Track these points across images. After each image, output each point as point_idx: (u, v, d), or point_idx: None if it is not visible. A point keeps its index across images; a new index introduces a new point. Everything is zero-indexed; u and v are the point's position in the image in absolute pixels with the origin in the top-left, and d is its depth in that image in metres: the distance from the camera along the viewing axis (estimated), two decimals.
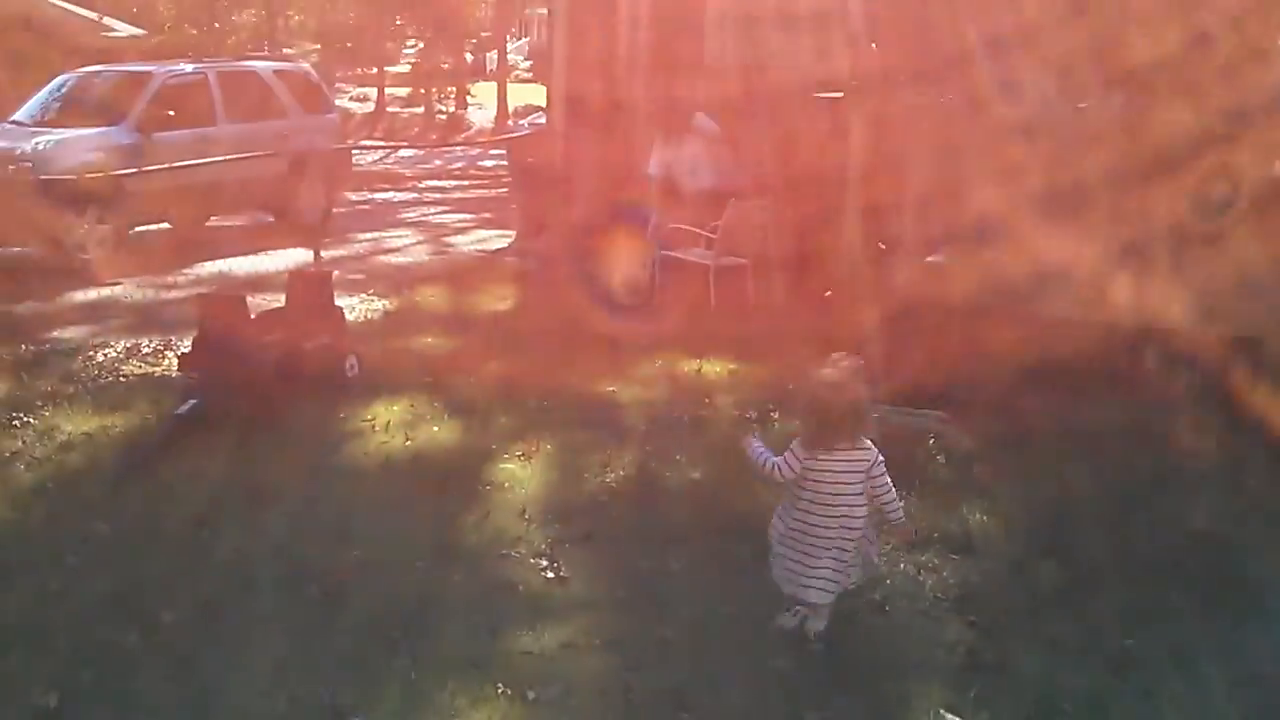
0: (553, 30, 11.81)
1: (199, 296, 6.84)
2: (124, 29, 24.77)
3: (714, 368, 7.32)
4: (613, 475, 5.41)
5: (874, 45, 6.88)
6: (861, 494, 3.93)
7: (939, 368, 6.88)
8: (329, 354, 6.79)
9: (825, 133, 7.71)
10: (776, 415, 6.31)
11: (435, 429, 6.05)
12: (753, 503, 5.05)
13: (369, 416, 6.21)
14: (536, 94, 26.70)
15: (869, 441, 3.96)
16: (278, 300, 7.39)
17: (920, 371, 6.86)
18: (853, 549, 3.95)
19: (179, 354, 6.78)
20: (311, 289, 7.07)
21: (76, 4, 22.66)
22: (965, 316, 6.85)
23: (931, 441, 5.93)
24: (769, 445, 4.09)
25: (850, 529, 3.92)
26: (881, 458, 3.95)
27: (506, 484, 5.30)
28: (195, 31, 30.51)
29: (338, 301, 7.48)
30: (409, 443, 5.84)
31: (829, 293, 7.20)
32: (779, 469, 3.95)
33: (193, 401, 6.05)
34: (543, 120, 13.06)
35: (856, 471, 3.91)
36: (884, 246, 7.14)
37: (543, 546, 4.67)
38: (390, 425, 6.06)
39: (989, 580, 4.49)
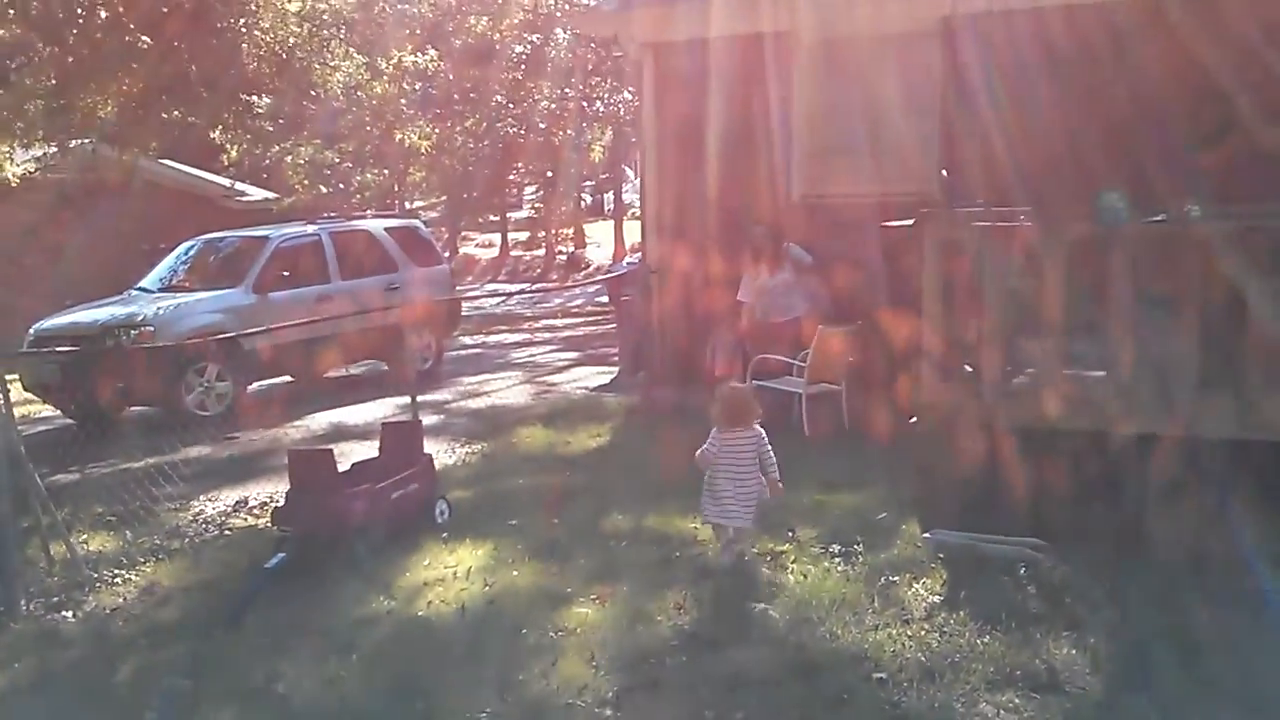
0: (643, 170, 12.15)
1: (291, 451, 7.09)
2: (257, 193, 26.35)
3: (801, 498, 7.21)
4: (686, 618, 5.33)
5: (944, 171, 6.84)
6: (754, 458, 6.02)
7: (1034, 493, 6.67)
8: (418, 501, 6.92)
9: (904, 257, 7.66)
10: (861, 548, 6.17)
11: (515, 573, 6.07)
12: (828, 645, 4.94)
13: (452, 563, 6.28)
14: None
15: (758, 425, 6.06)
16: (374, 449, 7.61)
17: (1015, 498, 6.66)
18: (751, 493, 5.98)
19: (274, 508, 7.00)
20: (402, 438, 7.26)
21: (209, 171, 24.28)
22: (1060, 438, 6.62)
23: (1023, 571, 5.70)
24: None
25: (748, 479, 5.99)
26: (764, 434, 6.09)
27: (579, 629, 5.27)
28: (325, 190, 32.14)
29: (430, 448, 7.65)
30: (488, 588, 5.87)
31: (913, 419, 7.05)
32: (705, 453, 6.02)
33: (281, 555, 6.21)
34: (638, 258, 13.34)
35: (751, 443, 6.02)
36: (969, 369, 6.97)
37: (608, 694, 4.61)
38: (471, 571, 6.11)
39: None
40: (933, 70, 9.79)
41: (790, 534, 6.51)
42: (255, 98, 26.21)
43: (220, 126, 21.00)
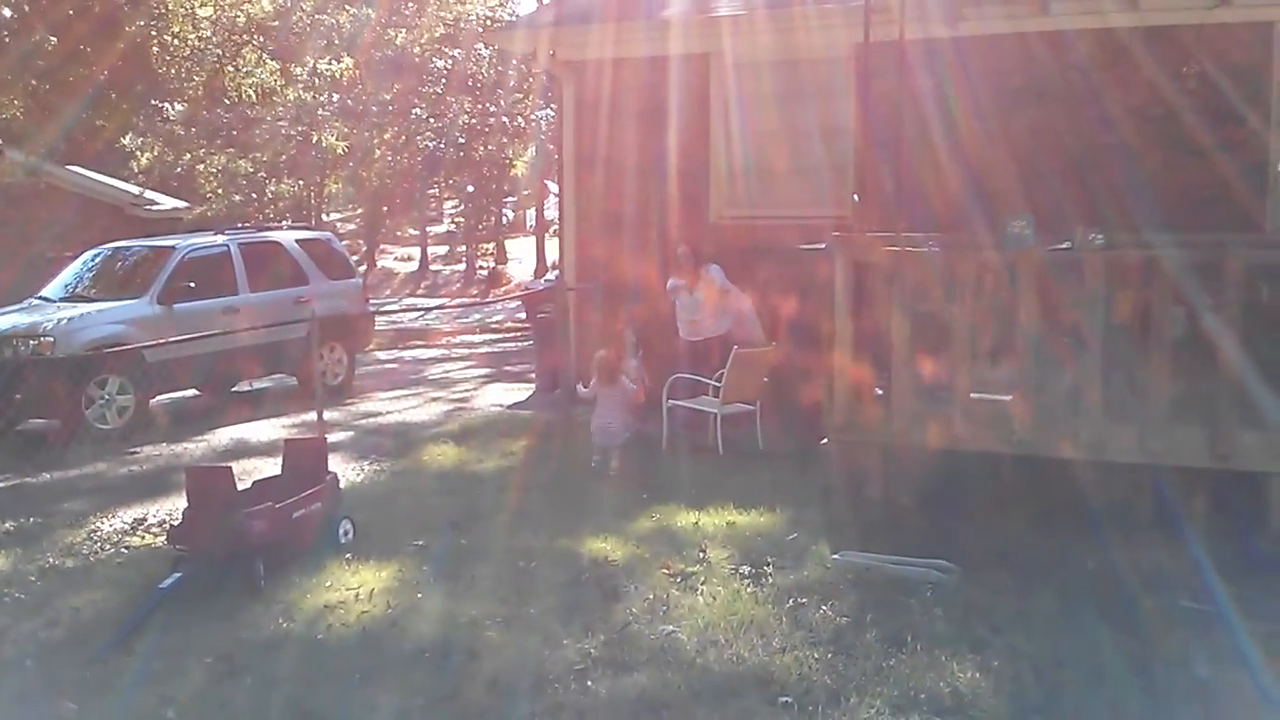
0: (562, 187, 12.12)
1: (189, 468, 6.87)
2: (167, 202, 25.75)
3: (712, 519, 7.19)
4: (593, 641, 5.25)
5: (855, 197, 6.90)
6: (622, 404, 8.71)
7: (942, 515, 6.74)
8: (321, 521, 6.75)
9: (817, 280, 7.72)
10: (771, 569, 6.15)
11: (419, 596, 5.93)
12: (736, 668, 4.90)
13: (355, 584, 6.12)
14: None
15: (626, 380, 8.74)
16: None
17: (923, 519, 6.72)
18: (618, 426, 8.62)
19: (170, 526, 6.76)
20: (305, 455, 7.08)
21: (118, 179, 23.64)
22: (967, 461, 6.70)
23: (929, 592, 5.73)
24: None
25: (616, 417, 8.62)
26: (629, 386, 8.80)
27: (483, 652, 5.16)
28: (239, 198, 31.58)
29: (336, 466, 7.49)
30: (390, 610, 5.73)
31: (825, 440, 7.08)
32: (580, 390, 9.00)
33: (177, 575, 6.01)
34: (556, 275, 13.28)
35: (617, 395, 8.69)
36: (880, 391, 7.03)
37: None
38: (374, 593, 5.96)
39: None
40: (847, 96, 9.91)
41: (701, 554, 6.47)
42: (167, 104, 25.74)
43: (129, 132, 20.50)
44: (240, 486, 6.77)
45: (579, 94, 11.52)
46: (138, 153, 29.04)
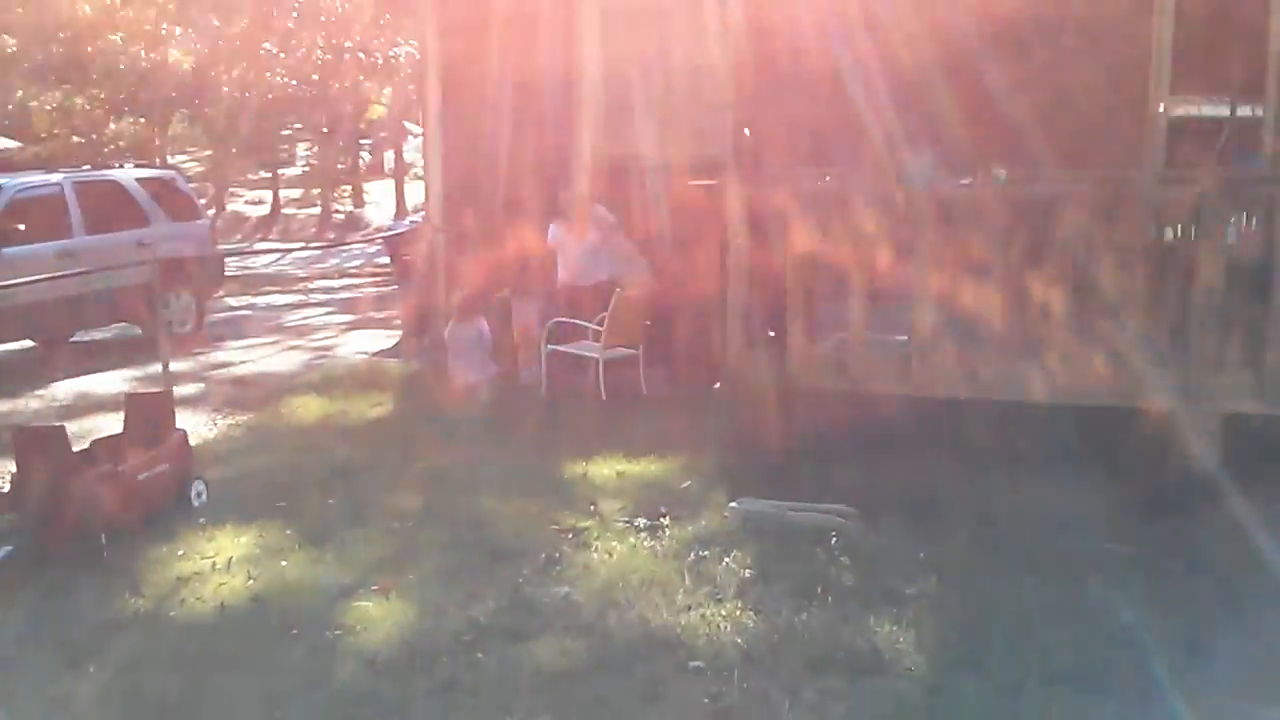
0: (426, 122, 11.43)
1: (15, 429, 6.14)
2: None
3: (600, 470, 6.79)
4: (481, 608, 4.79)
5: (746, 131, 6.50)
6: (479, 340, 8.83)
7: (841, 460, 6.45)
8: (170, 483, 6.11)
9: (705, 220, 7.34)
10: (667, 521, 5.79)
11: (283, 564, 5.38)
12: (639, 631, 4.53)
13: (211, 553, 5.52)
14: None
15: (481, 320, 8.89)
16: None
17: (821, 464, 6.42)
18: (476, 360, 8.76)
19: None
20: (150, 410, 6.41)
21: None
22: (865, 404, 6.43)
23: (834, 540, 5.44)
24: None
25: (474, 353, 8.74)
26: (485, 325, 8.99)
27: (359, 626, 4.66)
28: (79, 140, 29.55)
29: (186, 421, 6.82)
30: (251, 582, 5.16)
31: (717, 385, 6.73)
32: (446, 333, 9.13)
33: (7, 549, 5.33)
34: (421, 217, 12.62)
35: (474, 330, 8.87)
36: (773, 334, 6.69)
37: (394, 702, 4.05)
38: (233, 562, 5.38)
39: (904, 707, 3.97)
40: (730, 25, 9.47)
41: (592, 507, 6.07)
42: None
43: None
44: (77, 447, 6.08)
45: (441, 21, 10.83)
46: None
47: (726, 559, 5.26)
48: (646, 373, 8.90)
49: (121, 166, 14.47)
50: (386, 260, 19.37)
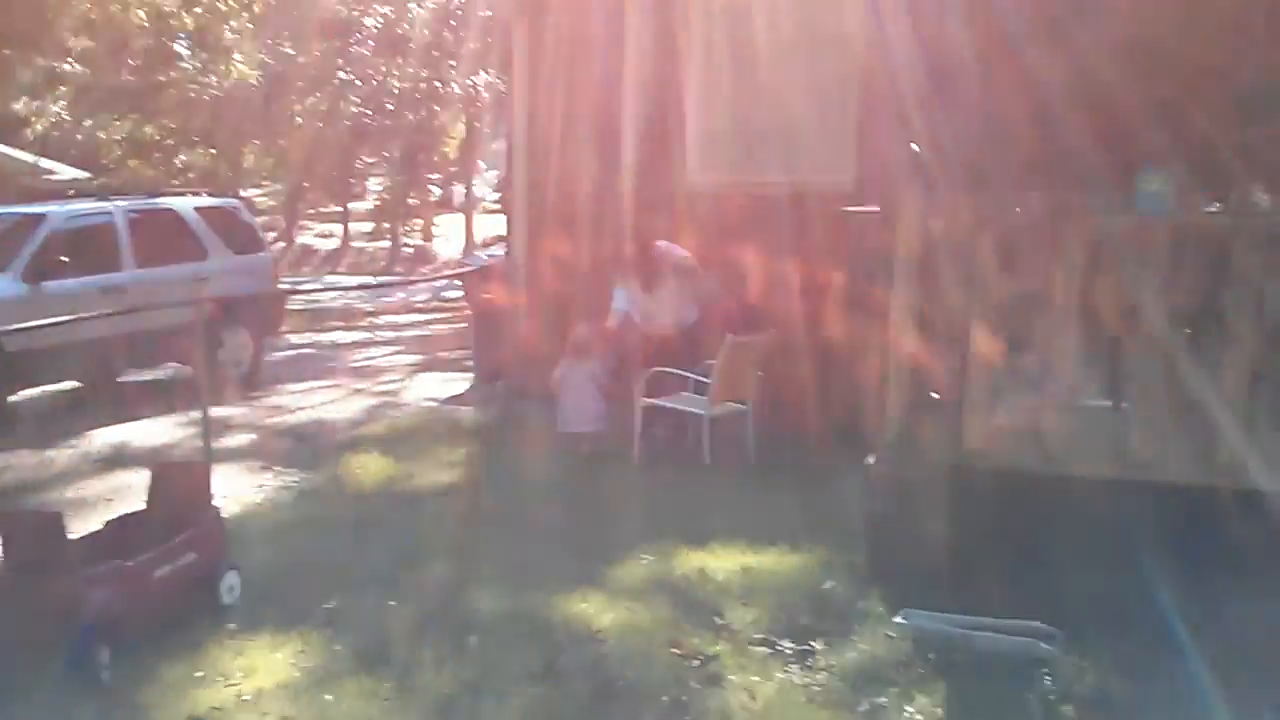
0: (512, 150, 10.32)
1: (1, 514, 5.03)
2: (67, 172, 23.45)
3: (721, 562, 5.51)
4: None
5: (914, 146, 5.23)
6: (591, 381, 7.79)
7: (1029, 560, 5.09)
8: (197, 577, 4.95)
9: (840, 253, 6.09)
10: (818, 644, 4.50)
11: (328, 697, 4.15)
12: None
13: (238, 676, 4.33)
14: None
15: (595, 360, 7.83)
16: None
17: (1002, 564, 5.07)
18: (589, 409, 7.78)
19: None
20: (179, 485, 5.25)
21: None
22: (1059, 487, 5.08)
23: (1045, 677, 4.12)
24: None
25: (586, 394, 7.78)
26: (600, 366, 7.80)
27: None
28: (151, 172, 29.15)
29: (229, 481, 5.68)
30: None
31: (871, 459, 5.41)
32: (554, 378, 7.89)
33: None
34: (502, 252, 11.52)
35: (587, 371, 7.80)
36: (936, 396, 5.39)
37: None
38: (264, 694, 4.18)
39: None
40: (852, 37, 8.22)
41: (717, 620, 4.79)
42: (69, 64, 23.45)
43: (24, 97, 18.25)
44: (87, 530, 4.95)
45: (533, 42, 9.73)
46: (32, 118, 26.56)
47: (908, 706, 3.96)
48: (757, 433, 7.61)
49: (183, 193, 13.58)
50: (456, 295, 18.39)
